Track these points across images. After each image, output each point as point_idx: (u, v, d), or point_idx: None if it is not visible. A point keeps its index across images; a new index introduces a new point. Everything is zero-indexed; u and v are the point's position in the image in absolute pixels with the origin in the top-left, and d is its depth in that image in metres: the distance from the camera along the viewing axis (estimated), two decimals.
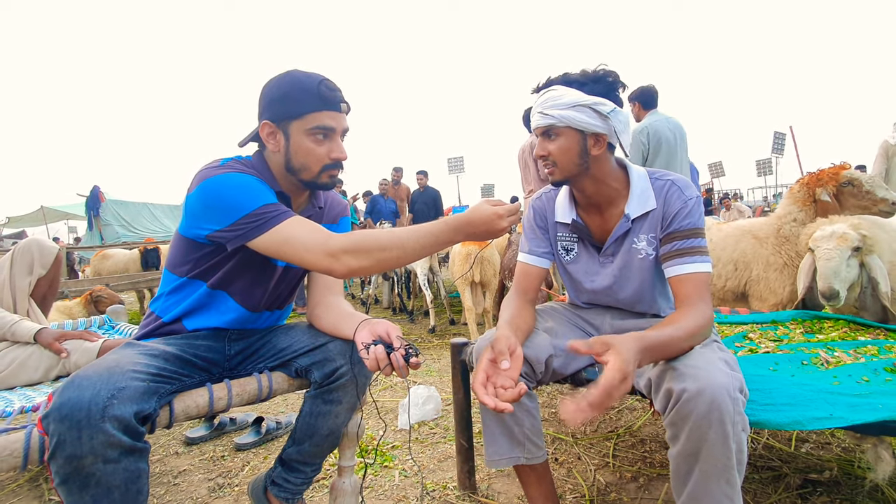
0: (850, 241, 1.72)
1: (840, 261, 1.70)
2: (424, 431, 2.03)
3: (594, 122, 1.12)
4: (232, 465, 1.80)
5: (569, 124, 1.12)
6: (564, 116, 1.12)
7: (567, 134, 1.14)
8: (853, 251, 1.72)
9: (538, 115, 1.16)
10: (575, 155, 1.15)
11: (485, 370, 1.01)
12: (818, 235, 1.80)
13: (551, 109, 1.13)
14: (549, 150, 1.16)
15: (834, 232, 1.75)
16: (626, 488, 1.51)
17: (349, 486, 1.28)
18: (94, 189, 10.97)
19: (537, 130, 1.19)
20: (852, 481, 1.47)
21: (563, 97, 1.12)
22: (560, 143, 1.15)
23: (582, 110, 1.11)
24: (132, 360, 0.96)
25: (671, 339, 0.96)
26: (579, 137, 1.14)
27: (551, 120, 1.13)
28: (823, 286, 1.70)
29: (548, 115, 1.13)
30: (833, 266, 1.70)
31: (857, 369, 1.28)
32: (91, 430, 0.81)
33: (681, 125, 3.48)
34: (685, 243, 1.11)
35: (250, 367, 1.21)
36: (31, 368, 1.57)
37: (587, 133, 1.14)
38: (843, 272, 1.70)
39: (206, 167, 1.09)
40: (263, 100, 1.12)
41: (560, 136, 1.15)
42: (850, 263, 1.72)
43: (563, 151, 1.15)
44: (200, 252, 1.13)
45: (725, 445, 0.86)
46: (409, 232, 1.03)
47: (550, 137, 1.16)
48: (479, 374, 1.00)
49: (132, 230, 11.45)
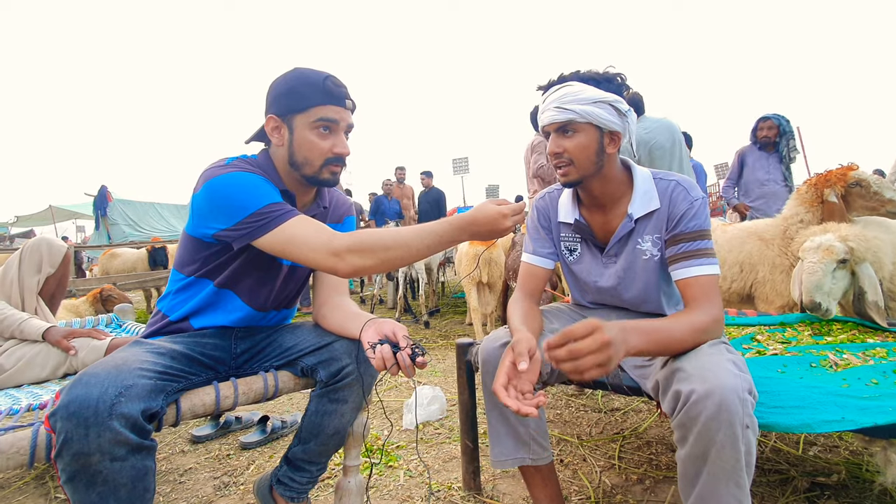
0: (835, 253, 1.70)
1: (823, 274, 1.69)
2: (429, 431, 2.03)
3: (613, 120, 1.11)
4: (237, 464, 1.80)
5: (590, 120, 1.10)
6: (587, 112, 1.09)
7: (587, 130, 1.11)
8: (839, 263, 1.71)
9: (554, 110, 1.11)
10: (593, 153, 1.13)
11: (507, 373, 0.99)
12: (806, 246, 1.79)
13: (571, 104, 1.09)
14: (565, 147, 1.13)
15: (821, 244, 1.74)
16: (632, 490, 1.50)
17: (354, 486, 1.28)
18: (102, 189, 11.05)
19: (551, 126, 1.14)
20: (861, 485, 1.45)
21: (583, 92, 1.10)
22: (579, 140, 1.12)
23: (603, 107, 1.10)
24: (140, 358, 0.96)
25: (664, 327, 0.96)
26: (598, 135, 1.12)
27: (571, 115, 1.10)
28: (805, 299, 1.70)
29: (567, 109, 1.10)
30: (815, 280, 1.69)
31: (866, 372, 1.26)
32: (98, 428, 0.81)
33: (673, 125, 3.39)
34: (691, 245, 1.10)
35: (256, 365, 1.22)
36: (39, 366, 1.59)
37: (605, 131, 1.12)
38: (826, 285, 1.69)
39: (211, 166, 1.10)
40: (270, 95, 1.13)
41: (579, 133, 1.12)
42: (837, 276, 1.71)
43: (582, 148, 1.12)
44: (207, 251, 1.13)
45: (734, 447, 0.85)
46: (413, 231, 1.03)
47: (567, 134, 1.12)
48: (501, 377, 0.99)
49: (139, 229, 11.52)
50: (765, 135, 3.80)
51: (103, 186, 11.09)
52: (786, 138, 3.75)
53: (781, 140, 3.77)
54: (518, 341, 1.04)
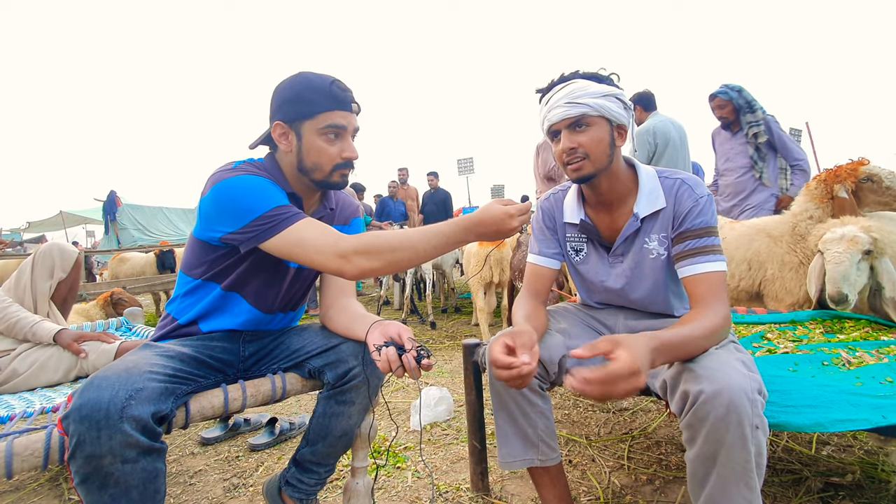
0: (860, 244, 1.69)
1: (850, 265, 1.67)
2: (437, 433, 2.03)
3: (622, 113, 1.13)
4: (246, 466, 1.81)
5: (602, 113, 1.11)
6: (599, 105, 1.10)
7: (599, 124, 1.12)
8: (864, 255, 1.69)
9: (565, 105, 1.11)
10: (606, 146, 1.14)
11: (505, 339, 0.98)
12: (828, 237, 1.77)
13: (583, 98, 1.10)
14: (579, 142, 1.12)
15: (844, 235, 1.72)
16: (641, 491, 1.49)
17: (362, 487, 1.28)
18: (111, 194, 11.17)
19: (563, 123, 1.13)
20: (876, 485, 1.43)
21: (591, 87, 1.11)
22: (593, 134, 1.12)
23: (612, 100, 1.12)
24: (149, 362, 0.97)
25: (687, 339, 0.94)
26: (609, 128, 1.14)
27: (584, 108, 1.10)
28: (832, 290, 1.67)
29: (580, 103, 1.10)
30: (842, 270, 1.67)
31: (880, 370, 1.24)
32: (110, 431, 0.82)
33: (682, 126, 3.50)
34: (698, 242, 1.10)
35: (264, 368, 1.22)
36: (51, 370, 1.61)
37: (615, 124, 1.14)
38: (852, 276, 1.67)
39: (219, 170, 1.11)
40: (275, 101, 1.13)
41: (592, 127, 1.12)
42: (861, 267, 1.70)
43: (597, 142, 1.12)
44: (214, 254, 1.14)
45: (744, 448, 0.84)
46: (420, 233, 1.03)
47: (580, 128, 1.13)
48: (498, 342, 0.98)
49: (148, 234, 11.64)
50: (719, 115, 3.15)
51: (112, 191, 11.21)
52: (742, 113, 3.03)
53: (741, 117, 3.04)
54: (521, 332, 1.01)
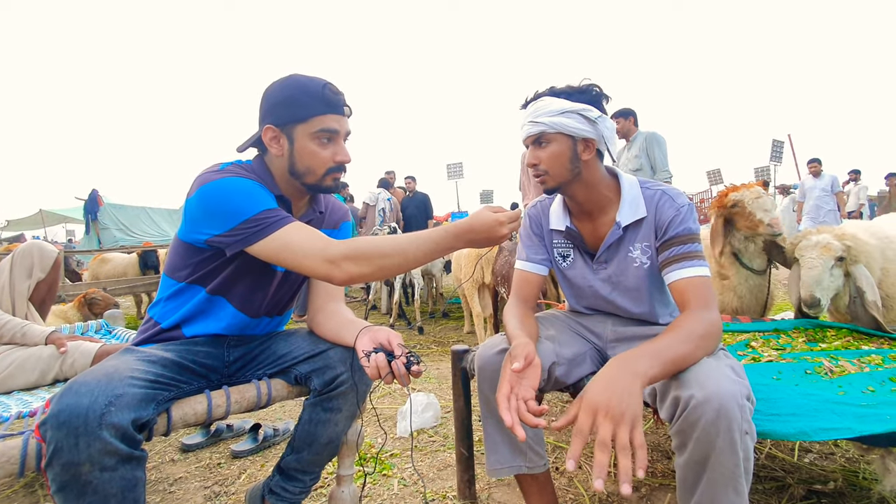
0: (833, 250, 1.75)
1: (822, 270, 1.74)
2: (423, 439, 2.01)
3: (583, 127, 1.15)
4: (228, 473, 1.78)
5: (559, 130, 1.15)
6: (555, 123, 1.15)
7: (558, 140, 1.17)
8: (836, 261, 1.76)
9: (528, 124, 1.19)
10: (566, 160, 1.17)
11: (510, 381, 0.99)
12: (803, 245, 1.84)
13: (541, 117, 1.16)
14: (540, 158, 1.19)
15: (818, 242, 1.79)
16: (627, 498, 1.49)
17: (348, 496, 1.26)
18: (93, 193, 10.93)
19: (528, 140, 1.21)
20: (857, 492, 1.45)
21: (551, 105, 1.16)
22: (551, 150, 1.17)
23: (571, 116, 1.15)
24: (130, 367, 0.95)
25: (676, 356, 0.94)
26: (570, 143, 1.17)
27: (542, 127, 1.16)
28: (805, 294, 1.74)
29: (538, 122, 1.16)
30: (815, 275, 1.73)
31: (861, 379, 1.27)
32: (88, 438, 0.80)
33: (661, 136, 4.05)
34: (682, 248, 1.12)
35: (249, 373, 1.20)
36: (29, 370, 1.56)
37: (577, 138, 1.16)
38: (825, 281, 1.74)
39: (205, 171, 1.08)
40: (266, 104, 1.11)
41: (551, 143, 1.17)
42: (834, 273, 1.76)
43: (555, 158, 1.17)
44: (199, 257, 1.12)
45: (734, 453, 0.85)
46: (409, 238, 1.03)
47: (541, 145, 1.19)
48: (504, 385, 0.98)
49: (130, 234, 11.41)
50: None
51: (94, 190, 10.97)
52: None
53: None
54: (518, 346, 1.05)
